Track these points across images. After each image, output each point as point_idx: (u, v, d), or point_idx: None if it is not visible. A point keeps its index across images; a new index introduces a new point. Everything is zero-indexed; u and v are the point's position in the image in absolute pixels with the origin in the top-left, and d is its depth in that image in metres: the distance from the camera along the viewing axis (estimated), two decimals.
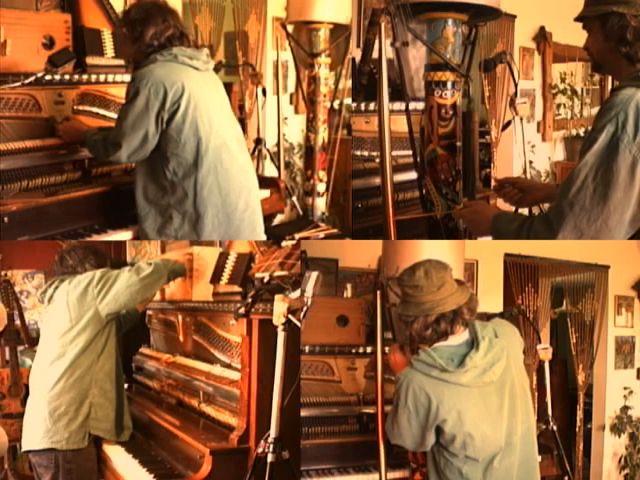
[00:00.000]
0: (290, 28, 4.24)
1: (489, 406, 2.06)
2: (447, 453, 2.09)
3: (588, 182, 1.90)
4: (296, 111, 5.63)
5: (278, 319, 2.17)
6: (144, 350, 3.75)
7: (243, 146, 2.93)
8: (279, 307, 2.17)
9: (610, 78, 2.44)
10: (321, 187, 4.41)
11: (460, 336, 2.10)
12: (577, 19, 2.11)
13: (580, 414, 4.79)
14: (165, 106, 2.59)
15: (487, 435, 2.05)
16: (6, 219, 2.52)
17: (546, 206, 2.56)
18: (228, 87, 3.32)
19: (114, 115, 3.23)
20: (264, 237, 2.99)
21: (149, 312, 3.72)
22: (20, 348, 4.21)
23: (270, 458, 2.16)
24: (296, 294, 2.18)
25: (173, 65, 2.66)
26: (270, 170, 4.26)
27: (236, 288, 2.77)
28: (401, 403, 2.07)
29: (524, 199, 2.59)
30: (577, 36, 2.22)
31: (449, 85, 2.58)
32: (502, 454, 2.07)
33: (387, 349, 2.53)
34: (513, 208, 2.72)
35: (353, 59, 3.74)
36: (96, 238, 2.84)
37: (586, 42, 2.12)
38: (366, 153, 3.42)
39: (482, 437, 2.04)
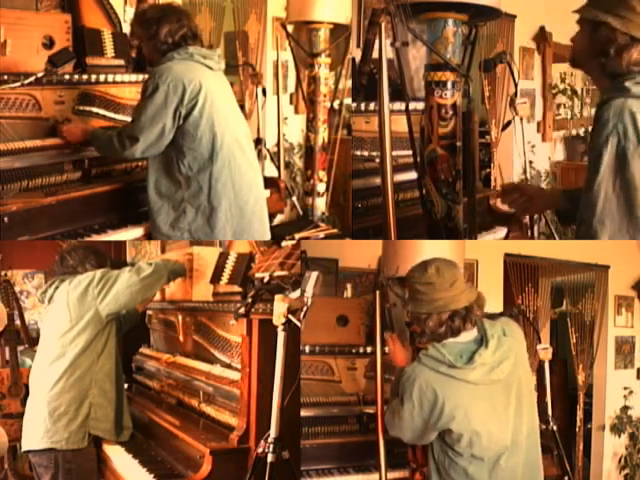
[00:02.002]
0: (290, 28, 4.24)
1: (496, 404, 2.06)
2: (452, 453, 2.09)
3: (610, 196, 1.97)
4: (296, 111, 5.63)
5: (278, 319, 2.17)
6: (144, 350, 3.75)
7: (251, 143, 3.03)
8: (279, 307, 2.17)
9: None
10: (321, 187, 4.41)
11: (469, 333, 2.10)
12: (575, 11, 2.15)
13: (580, 414, 4.79)
14: (183, 102, 2.68)
15: (493, 433, 2.05)
16: (6, 219, 2.52)
17: None
18: None
19: (114, 115, 3.24)
20: (269, 233, 3.04)
21: (149, 312, 3.71)
22: (20, 348, 4.21)
23: (270, 458, 2.16)
24: (296, 294, 2.18)
25: (190, 63, 2.76)
26: (270, 170, 4.26)
27: (236, 288, 2.77)
28: (406, 396, 2.06)
29: (532, 206, 2.55)
30: None
31: (449, 85, 2.58)
32: (508, 453, 2.07)
33: (385, 336, 2.51)
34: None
35: (353, 59, 3.74)
36: (96, 238, 2.84)
37: (574, 35, 2.18)
38: (366, 153, 3.42)
39: (488, 435, 2.04)
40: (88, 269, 2.88)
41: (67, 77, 3.00)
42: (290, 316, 2.16)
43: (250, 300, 2.27)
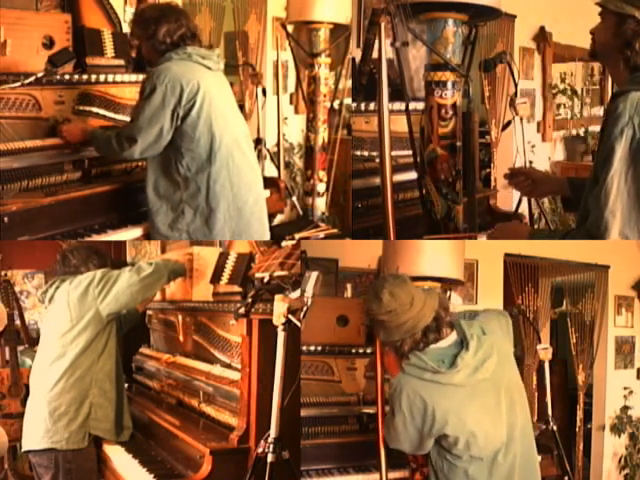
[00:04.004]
0: (290, 28, 4.23)
1: (487, 403, 2.06)
2: (450, 456, 2.08)
3: (621, 188, 1.98)
4: (296, 111, 5.63)
5: (278, 319, 2.17)
6: (144, 350, 3.75)
7: (250, 144, 3.02)
8: (279, 307, 2.17)
9: (610, 78, 2.49)
10: (321, 187, 4.41)
11: (449, 338, 2.10)
12: (598, 3, 2.13)
13: (580, 414, 4.79)
14: (181, 103, 2.67)
15: (489, 432, 2.05)
16: (6, 219, 2.52)
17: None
18: None
19: (114, 115, 3.24)
20: (269, 233, 3.03)
21: (149, 312, 3.71)
22: (20, 348, 4.21)
23: (270, 458, 2.16)
24: (296, 294, 2.18)
25: (188, 63, 2.75)
26: (270, 170, 4.26)
27: (236, 288, 2.77)
28: (396, 408, 2.07)
29: (535, 190, 2.68)
30: (577, 36, 2.24)
31: (449, 85, 2.58)
32: (505, 449, 2.07)
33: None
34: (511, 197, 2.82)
35: (353, 59, 3.74)
36: (96, 238, 2.84)
37: (595, 27, 2.17)
38: (366, 153, 3.42)
39: (485, 434, 2.04)
40: (90, 269, 2.88)
41: (67, 77, 3.00)
42: (290, 316, 2.16)
43: (250, 300, 2.27)
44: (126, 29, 3.54)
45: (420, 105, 2.75)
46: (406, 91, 2.73)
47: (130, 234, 2.96)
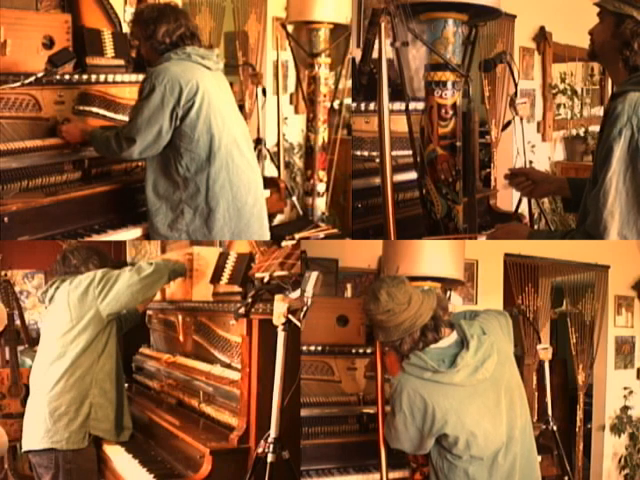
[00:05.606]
0: (290, 28, 4.24)
1: (487, 403, 2.06)
2: (451, 456, 2.09)
3: (620, 188, 1.98)
4: (296, 111, 5.63)
5: (278, 319, 2.17)
6: (144, 350, 3.75)
7: (250, 144, 3.01)
8: (279, 307, 2.17)
9: (610, 79, 2.49)
10: (321, 187, 4.41)
11: (449, 337, 2.11)
12: (597, 4, 2.14)
13: (580, 414, 4.79)
14: (180, 103, 2.66)
15: (489, 432, 2.05)
16: (6, 219, 2.52)
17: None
18: None
19: (114, 115, 3.24)
20: (269, 234, 3.03)
21: (149, 312, 3.71)
22: (20, 348, 4.21)
23: (270, 458, 2.16)
24: (296, 294, 2.18)
25: (187, 64, 2.74)
26: (270, 170, 4.26)
27: (236, 288, 2.77)
28: (397, 408, 2.07)
29: (535, 190, 2.68)
30: (577, 36, 2.24)
31: (449, 85, 2.58)
32: (505, 449, 2.08)
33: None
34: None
35: (353, 59, 3.74)
36: (96, 238, 2.84)
37: (594, 28, 2.18)
38: (366, 153, 3.42)
39: (484, 434, 2.04)
40: (91, 269, 2.88)
41: (67, 77, 3.00)
42: (290, 316, 2.16)
43: (250, 300, 2.27)
44: (126, 29, 3.54)
45: (420, 105, 2.75)
46: (406, 91, 2.73)
47: (130, 234, 2.96)
